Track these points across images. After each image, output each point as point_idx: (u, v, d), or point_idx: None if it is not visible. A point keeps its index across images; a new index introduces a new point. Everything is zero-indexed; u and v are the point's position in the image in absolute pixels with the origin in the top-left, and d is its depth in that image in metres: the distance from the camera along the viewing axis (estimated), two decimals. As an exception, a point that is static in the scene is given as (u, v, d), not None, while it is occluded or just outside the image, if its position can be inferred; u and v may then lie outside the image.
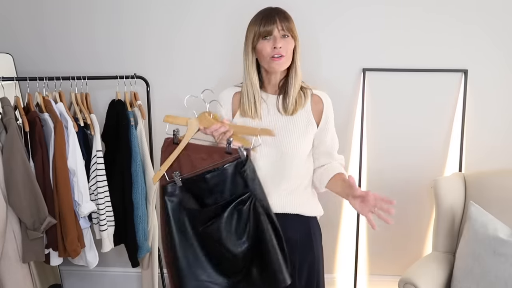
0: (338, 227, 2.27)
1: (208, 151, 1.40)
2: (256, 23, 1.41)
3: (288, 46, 1.41)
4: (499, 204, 1.75)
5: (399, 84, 2.09)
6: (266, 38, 1.40)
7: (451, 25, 2.01)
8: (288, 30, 1.40)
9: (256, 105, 1.47)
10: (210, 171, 1.37)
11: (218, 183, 1.37)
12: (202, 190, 1.39)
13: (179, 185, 1.41)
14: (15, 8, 2.18)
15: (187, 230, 1.42)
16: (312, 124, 1.49)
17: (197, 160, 1.40)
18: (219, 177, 1.36)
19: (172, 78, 2.17)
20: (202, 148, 1.42)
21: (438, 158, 2.14)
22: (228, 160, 1.36)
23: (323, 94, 1.54)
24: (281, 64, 1.41)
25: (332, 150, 1.54)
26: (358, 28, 2.05)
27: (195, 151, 1.42)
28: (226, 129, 1.37)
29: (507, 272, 1.52)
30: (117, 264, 2.40)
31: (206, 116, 1.38)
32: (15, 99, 1.88)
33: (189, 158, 1.42)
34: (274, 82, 1.49)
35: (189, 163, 1.42)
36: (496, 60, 2.03)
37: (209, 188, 1.38)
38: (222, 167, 1.36)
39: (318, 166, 1.55)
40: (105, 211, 1.94)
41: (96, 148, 1.90)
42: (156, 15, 2.12)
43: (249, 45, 1.44)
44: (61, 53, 2.20)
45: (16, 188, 1.72)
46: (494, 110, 2.08)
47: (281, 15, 1.41)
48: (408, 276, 1.66)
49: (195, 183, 1.39)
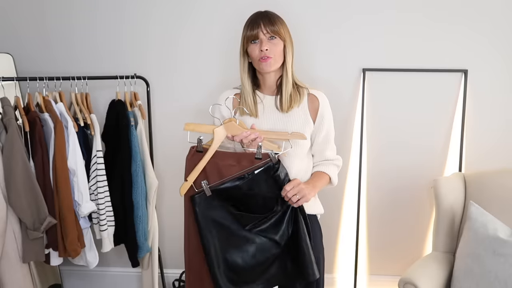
0: (338, 227, 2.27)
1: (236, 158, 1.41)
2: (245, 28, 1.48)
3: (276, 48, 1.45)
4: (499, 204, 1.75)
5: (399, 84, 2.09)
6: (254, 42, 1.45)
7: (451, 25, 2.01)
8: (274, 32, 1.44)
9: (250, 106, 1.51)
10: (241, 177, 1.38)
11: (251, 188, 1.38)
12: (234, 197, 1.41)
13: (209, 194, 1.41)
14: (15, 8, 2.18)
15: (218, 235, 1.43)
16: (309, 122, 1.52)
17: (225, 167, 1.41)
18: (251, 182, 1.38)
19: (172, 78, 2.17)
20: (230, 155, 1.43)
21: (438, 158, 2.14)
22: (259, 166, 1.38)
23: (320, 93, 1.56)
24: (269, 65, 1.45)
25: (325, 150, 1.56)
26: (358, 28, 2.05)
27: (223, 159, 1.42)
28: (257, 135, 1.39)
29: (507, 272, 1.52)
30: (117, 264, 2.40)
31: (233, 124, 1.39)
32: (15, 99, 1.88)
33: (216, 166, 1.42)
34: (269, 83, 1.53)
35: (216, 171, 1.42)
36: (496, 60, 2.03)
37: (242, 194, 1.40)
38: (253, 172, 1.37)
39: (313, 164, 1.59)
40: (105, 211, 1.94)
41: (96, 148, 1.90)
42: (156, 15, 2.12)
43: (242, 49, 1.50)
44: (61, 53, 2.20)
45: (16, 188, 1.72)
46: (494, 110, 2.08)
47: (265, 19, 1.45)
48: (408, 276, 1.66)
49: (227, 190, 1.40)
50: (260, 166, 1.38)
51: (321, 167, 1.56)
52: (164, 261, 2.36)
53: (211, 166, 1.42)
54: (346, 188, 2.22)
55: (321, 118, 1.53)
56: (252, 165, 1.38)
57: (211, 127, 1.41)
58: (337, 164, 1.60)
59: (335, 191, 2.21)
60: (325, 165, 1.57)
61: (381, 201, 2.22)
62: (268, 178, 1.38)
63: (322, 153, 1.56)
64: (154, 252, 2.12)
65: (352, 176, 2.20)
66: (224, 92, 1.58)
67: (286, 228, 1.42)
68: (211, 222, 1.43)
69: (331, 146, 1.58)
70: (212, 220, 1.43)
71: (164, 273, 2.33)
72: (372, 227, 2.25)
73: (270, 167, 1.37)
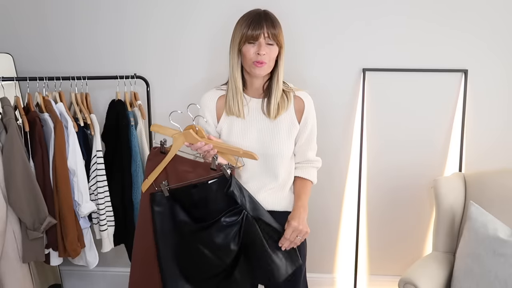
0: (338, 227, 2.27)
1: (192, 165, 1.43)
2: (244, 26, 1.42)
3: (272, 54, 1.43)
4: (499, 204, 1.75)
5: (399, 84, 2.09)
6: (252, 43, 1.41)
7: (451, 25, 2.01)
8: (274, 37, 1.42)
9: (239, 106, 1.49)
10: (195, 185, 1.40)
11: (202, 198, 1.40)
12: (188, 203, 1.43)
13: (166, 195, 1.44)
14: (15, 8, 2.18)
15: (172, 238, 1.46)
16: (295, 125, 1.52)
17: (182, 172, 1.44)
18: (204, 192, 1.39)
19: (172, 78, 2.17)
20: (187, 161, 1.45)
21: (438, 158, 2.14)
22: (213, 177, 1.39)
23: (304, 94, 1.55)
24: (263, 70, 1.44)
25: (306, 151, 1.56)
26: (358, 28, 2.05)
27: (181, 164, 1.45)
28: (211, 148, 1.38)
29: (507, 272, 1.52)
30: (117, 264, 2.40)
31: (191, 133, 1.38)
32: (15, 99, 1.88)
33: (175, 170, 1.45)
34: (256, 85, 1.51)
35: (175, 174, 1.45)
36: (496, 60, 2.03)
37: (194, 202, 1.41)
38: (207, 182, 1.39)
39: (295, 164, 1.59)
40: (105, 211, 1.94)
41: (96, 148, 1.90)
42: (156, 15, 2.12)
43: (235, 47, 1.45)
44: (61, 53, 2.20)
45: (16, 188, 1.72)
46: (494, 110, 2.08)
47: (269, 21, 1.41)
48: (408, 276, 1.66)
49: (182, 195, 1.43)
50: (215, 176, 1.39)
51: (302, 171, 1.56)
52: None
53: (171, 169, 1.45)
54: (346, 188, 2.22)
55: (305, 119, 1.52)
56: (207, 174, 1.40)
57: (172, 131, 1.42)
58: (317, 166, 1.60)
59: (335, 191, 2.21)
60: (305, 169, 1.57)
61: (381, 201, 2.22)
62: (220, 191, 1.38)
63: (304, 153, 1.56)
64: (154, 252, 2.12)
65: (352, 176, 2.20)
66: (207, 93, 1.55)
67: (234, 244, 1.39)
68: (166, 222, 1.45)
69: (313, 146, 1.57)
70: (167, 220, 1.45)
71: (164, 273, 2.33)
72: (372, 227, 2.25)
73: (223, 179, 1.38)
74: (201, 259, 1.41)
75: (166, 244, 1.47)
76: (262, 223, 1.42)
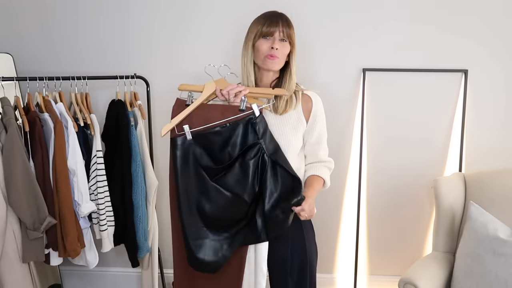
0: (338, 227, 2.27)
1: (221, 110, 1.47)
2: (260, 22, 1.49)
3: (284, 50, 1.49)
4: (499, 204, 1.75)
5: (399, 84, 2.09)
6: (266, 38, 1.47)
7: (451, 25, 2.01)
8: (288, 36, 1.49)
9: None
10: (223, 126, 1.44)
11: (231, 136, 1.43)
12: (214, 143, 1.45)
13: (189, 138, 1.46)
14: (15, 8, 2.18)
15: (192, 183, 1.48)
16: (302, 122, 1.54)
17: (210, 118, 1.46)
18: (232, 131, 1.43)
19: (172, 78, 2.17)
20: (216, 107, 1.49)
21: (438, 158, 2.14)
22: (241, 116, 1.43)
23: (313, 94, 1.58)
24: (275, 63, 1.49)
25: (318, 151, 1.57)
26: (358, 28, 2.05)
27: (209, 110, 1.47)
28: (242, 88, 1.45)
29: (507, 272, 1.52)
30: (117, 264, 2.40)
31: (223, 80, 1.46)
32: (15, 99, 1.88)
33: (202, 117, 1.47)
34: (265, 81, 1.55)
35: (202, 121, 1.47)
36: (496, 60, 2.03)
37: (221, 141, 1.44)
38: (235, 122, 1.43)
39: (305, 164, 1.60)
40: (105, 211, 1.94)
41: (96, 148, 1.90)
42: (157, 16, 2.12)
43: (249, 42, 1.51)
44: (61, 53, 2.20)
45: (16, 188, 1.72)
46: (494, 110, 2.08)
47: (284, 21, 1.50)
48: (408, 276, 1.66)
49: (207, 136, 1.45)
50: (243, 116, 1.43)
51: (315, 170, 1.57)
52: (164, 261, 2.36)
53: (197, 117, 1.47)
54: (346, 188, 2.22)
55: (314, 118, 1.54)
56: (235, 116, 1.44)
57: (201, 86, 1.49)
58: (330, 166, 1.60)
59: (335, 191, 2.21)
60: (318, 168, 1.57)
61: (381, 201, 2.22)
62: (249, 128, 1.43)
63: (315, 153, 1.57)
64: (154, 252, 2.12)
65: (352, 176, 2.20)
66: None
67: (251, 183, 1.43)
68: (188, 167, 1.47)
69: (324, 147, 1.58)
70: (189, 165, 1.47)
71: (164, 273, 2.33)
72: (372, 227, 2.25)
73: (252, 118, 1.43)
74: (222, 201, 1.44)
75: (186, 189, 1.48)
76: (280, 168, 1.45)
